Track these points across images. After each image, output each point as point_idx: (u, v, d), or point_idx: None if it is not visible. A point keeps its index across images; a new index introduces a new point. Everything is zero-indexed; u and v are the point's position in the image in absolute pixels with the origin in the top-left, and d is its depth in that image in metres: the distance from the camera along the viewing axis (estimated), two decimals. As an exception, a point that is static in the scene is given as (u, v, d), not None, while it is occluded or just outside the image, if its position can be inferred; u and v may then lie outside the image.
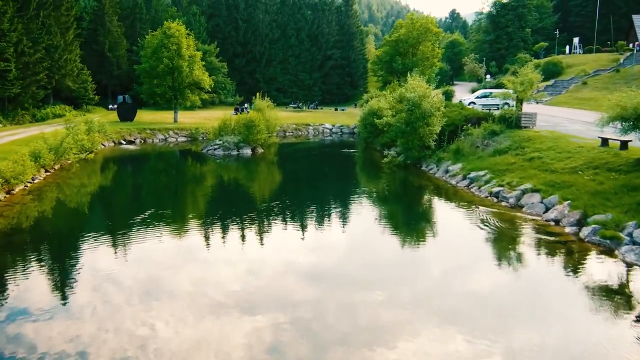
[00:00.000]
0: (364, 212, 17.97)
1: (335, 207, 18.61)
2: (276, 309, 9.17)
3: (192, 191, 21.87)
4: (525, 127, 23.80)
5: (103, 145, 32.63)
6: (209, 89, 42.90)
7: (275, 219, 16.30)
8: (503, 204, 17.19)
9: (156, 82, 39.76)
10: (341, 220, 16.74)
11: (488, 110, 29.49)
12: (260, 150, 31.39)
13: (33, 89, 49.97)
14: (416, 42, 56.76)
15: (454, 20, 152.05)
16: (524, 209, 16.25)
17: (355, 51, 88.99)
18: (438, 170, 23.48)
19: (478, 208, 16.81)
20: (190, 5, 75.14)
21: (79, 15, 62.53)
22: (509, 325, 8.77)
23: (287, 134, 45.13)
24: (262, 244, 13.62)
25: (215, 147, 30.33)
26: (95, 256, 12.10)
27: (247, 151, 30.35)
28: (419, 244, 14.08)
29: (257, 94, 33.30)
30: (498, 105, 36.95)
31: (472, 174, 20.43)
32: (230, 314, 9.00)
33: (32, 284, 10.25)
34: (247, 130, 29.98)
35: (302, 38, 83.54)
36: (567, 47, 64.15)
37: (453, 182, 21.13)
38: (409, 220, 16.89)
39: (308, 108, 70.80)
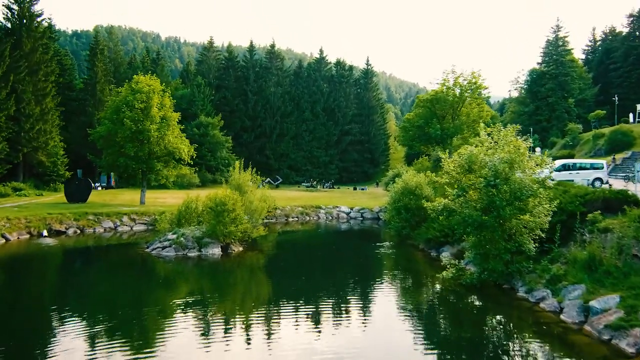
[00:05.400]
0: None
1: None
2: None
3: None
4: None
5: (7, 238, 22.12)
6: (189, 161, 32.93)
7: None
8: None
9: (117, 151, 30.03)
10: None
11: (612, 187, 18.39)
12: (238, 249, 20.27)
13: (-10, 163, 41.91)
14: (459, 100, 45.46)
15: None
16: None
17: (375, 126, 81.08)
18: (561, 303, 11.74)
19: None
20: (196, 77, 69.35)
21: (67, 83, 56.54)
22: None
23: (291, 219, 34.28)
24: None
25: (166, 244, 19.32)
26: None
27: (215, 250, 19.19)
28: None
29: (237, 162, 22.84)
30: (588, 180, 26.80)
31: (678, 333, 8.77)
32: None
33: None
34: (215, 219, 19.14)
35: (317, 112, 76.33)
36: (631, 115, 54.16)
37: (622, 344, 9.36)
38: None
39: (323, 187, 61.00)
